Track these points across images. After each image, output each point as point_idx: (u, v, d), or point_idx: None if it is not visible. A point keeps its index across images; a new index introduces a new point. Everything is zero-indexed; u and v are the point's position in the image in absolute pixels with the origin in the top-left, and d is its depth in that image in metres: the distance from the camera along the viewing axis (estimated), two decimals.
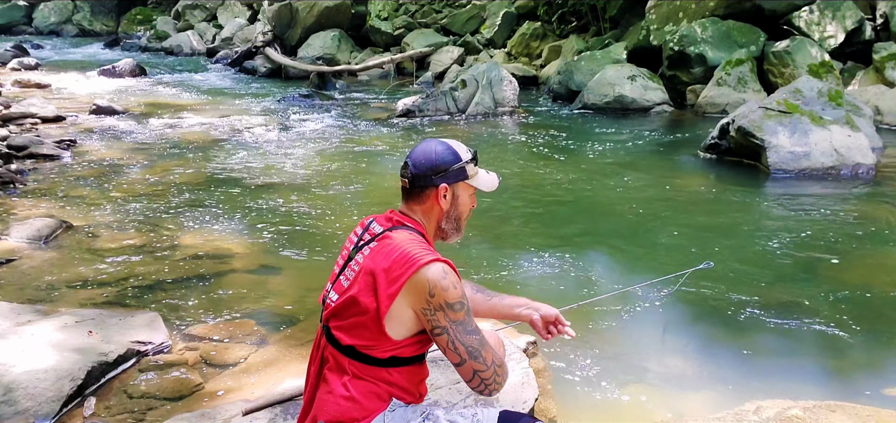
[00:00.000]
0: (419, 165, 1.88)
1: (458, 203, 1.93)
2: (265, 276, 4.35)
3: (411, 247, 1.76)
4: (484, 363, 1.76)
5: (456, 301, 1.73)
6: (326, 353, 1.84)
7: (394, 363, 1.80)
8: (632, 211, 5.88)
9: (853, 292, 4.22)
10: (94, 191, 6.15)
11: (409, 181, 1.90)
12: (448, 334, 1.73)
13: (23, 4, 26.62)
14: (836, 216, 5.71)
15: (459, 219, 1.96)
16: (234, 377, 3.12)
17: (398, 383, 1.82)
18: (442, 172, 1.88)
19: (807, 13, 11.23)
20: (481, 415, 1.80)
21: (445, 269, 1.74)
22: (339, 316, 1.81)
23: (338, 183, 6.62)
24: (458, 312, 1.73)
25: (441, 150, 1.90)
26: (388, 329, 1.74)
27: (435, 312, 1.72)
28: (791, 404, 2.66)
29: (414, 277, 1.71)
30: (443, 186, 1.88)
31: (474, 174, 1.94)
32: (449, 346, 1.75)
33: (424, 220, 1.92)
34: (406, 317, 1.76)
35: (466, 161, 1.91)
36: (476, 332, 1.77)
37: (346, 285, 1.83)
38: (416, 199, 1.91)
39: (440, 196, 1.89)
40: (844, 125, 7.14)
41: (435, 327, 1.74)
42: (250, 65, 16.24)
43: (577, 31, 15.62)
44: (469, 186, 1.94)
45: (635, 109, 10.78)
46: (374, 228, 1.91)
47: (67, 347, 3.07)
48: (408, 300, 1.73)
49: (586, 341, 3.57)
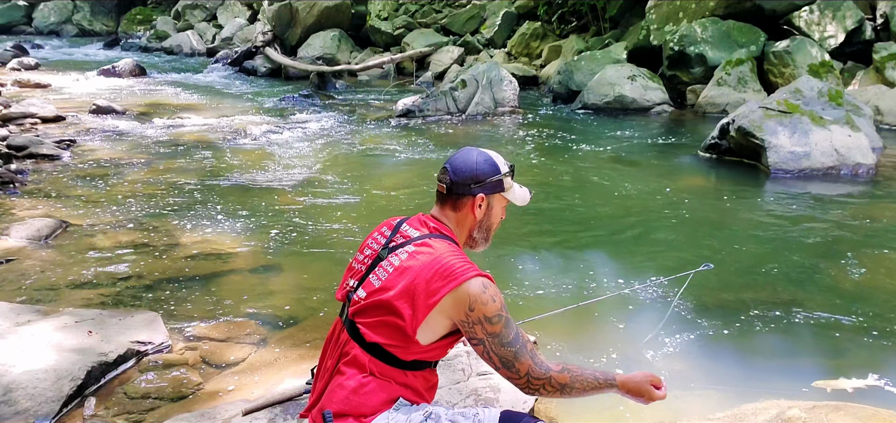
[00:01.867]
0: (459, 172, 1.91)
1: (491, 214, 1.96)
2: (265, 276, 4.35)
3: (453, 259, 1.78)
4: (517, 373, 1.79)
5: (494, 315, 1.76)
6: (347, 347, 1.85)
7: (415, 366, 1.83)
8: (632, 211, 5.87)
9: (853, 292, 4.22)
10: (93, 191, 6.15)
11: (447, 187, 1.92)
12: (484, 345, 1.78)
13: (23, 4, 26.62)
14: (836, 216, 5.71)
15: (490, 230, 1.99)
16: (234, 377, 3.12)
17: (413, 385, 1.84)
18: (480, 182, 1.91)
19: (807, 13, 11.23)
20: (483, 415, 1.81)
21: (485, 283, 1.77)
22: (366, 314, 1.82)
23: (338, 183, 6.62)
24: (496, 324, 1.76)
25: (481, 160, 1.92)
26: (419, 336, 1.77)
27: (473, 325, 1.76)
28: (791, 404, 2.66)
29: (455, 291, 1.74)
30: (480, 195, 1.91)
31: (510, 188, 1.98)
32: (484, 355, 1.80)
33: (457, 228, 1.94)
34: (438, 325, 1.79)
35: (504, 174, 1.95)
36: (513, 343, 1.79)
37: (376, 285, 1.83)
38: (451, 205, 1.94)
39: (476, 206, 1.92)
40: (844, 125, 7.14)
41: (473, 337, 1.78)
42: (250, 65, 16.24)
43: (577, 31, 15.62)
44: (503, 198, 1.98)
45: (635, 109, 10.78)
46: (407, 231, 1.91)
47: (67, 347, 3.07)
48: (446, 311, 1.77)
49: (586, 341, 3.57)
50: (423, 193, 6.36)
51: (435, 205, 1.98)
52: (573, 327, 3.68)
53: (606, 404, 3.02)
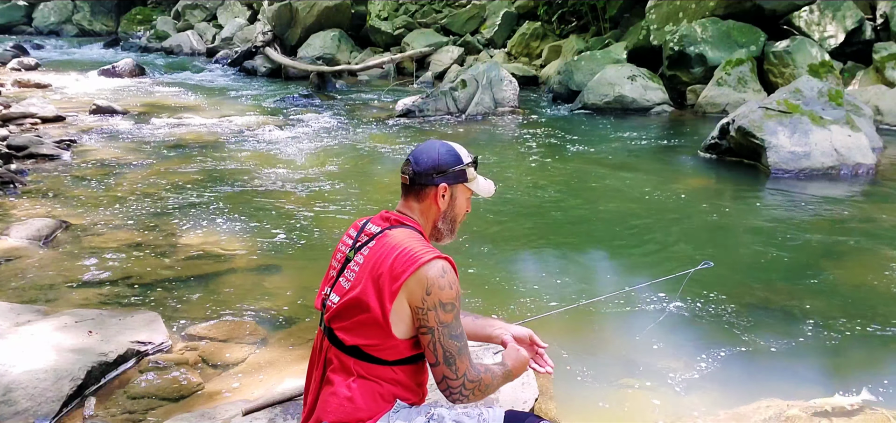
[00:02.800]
0: (421, 162, 1.91)
1: (455, 204, 1.96)
2: (265, 276, 4.35)
3: (412, 244, 1.78)
4: (456, 372, 1.77)
5: (449, 302, 1.75)
6: (330, 354, 1.85)
7: (401, 363, 1.82)
8: (632, 211, 5.88)
9: (853, 292, 4.22)
10: (93, 191, 6.15)
11: (409, 178, 1.92)
12: (433, 335, 1.75)
13: (23, 4, 26.62)
14: (836, 216, 5.71)
15: (455, 221, 1.99)
16: (234, 377, 3.12)
17: (402, 382, 1.83)
18: (443, 172, 1.91)
19: (807, 13, 11.23)
20: (487, 414, 1.81)
21: (445, 267, 1.76)
22: (341, 317, 1.82)
23: (338, 183, 6.62)
24: (449, 313, 1.75)
25: (443, 150, 1.93)
26: (393, 328, 1.76)
27: (427, 311, 1.74)
28: (791, 404, 2.66)
29: (415, 273, 1.73)
30: (442, 185, 1.91)
31: (473, 178, 1.98)
32: (429, 346, 1.77)
33: (422, 219, 1.94)
34: (406, 314, 1.77)
35: (467, 164, 1.95)
36: (460, 338, 1.78)
37: (346, 287, 1.83)
38: (415, 196, 1.94)
39: (439, 195, 1.92)
40: (844, 125, 7.14)
41: (423, 325, 1.76)
42: (250, 65, 16.24)
43: (577, 31, 15.62)
44: (467, 189, 1.98)
45: (635, 109, 10.78)
46: (370, 228, 1.93)
47: (67, 347, 3.07)
48: (407, 296, 1.75)
49: (586, 341, 3.57)
50: None
51: (400, 199, 1.98)
52: (573, 327, 3.68)
53: (606, 404, 3.02)
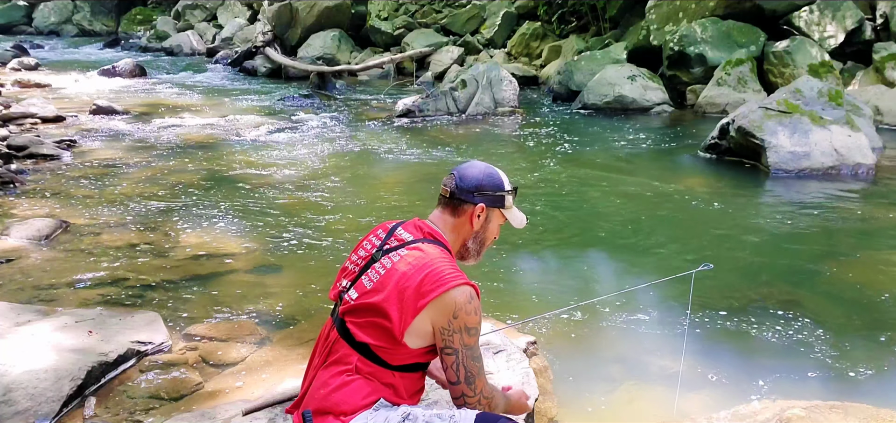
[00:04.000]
0: (466, 178, 1.95)
1: (487, 227, 2.01)
2: (265, 276, 4.35)
3: (443, 265, 1.82)
4: (474, 390, 1.84)
5: (473, 327, 1.81)
6: (336, 345, 1.87)
7: (402, 369, 1.85)
8: (632, 211, 5.88)
9: (853, 292, 4.23)
10: (93, 191, 6.15)
11: (450, 191, 1.96)
12: (457, 357, 1.81)
13: (23, 4, 26.62)
14: (836, 216, 5.71)
15: (484, 243, 2.04)
16: (234, 377, 3.12)
17: (399, 387, 1.86)
18: (484, 193, 1.96)
19: (807, 13, 11.22)
20: (459, 417, 1.83)
21: (472, 294, 1.81)
22: (357, 314, 1.85)
23: (338, 183, 6.62)
24: (473, 337, 1.81)
25: (489, 172, 1.99)
26: (407, 339, 1.80)
27: (452, 333, 1.79)
28: (791, 404, 2.66)
29: (443, 296, 1.77)
30: (480, 205, 1.96)
31: (510, 207, 2.04)
32: (452, 366, 1.82)
33: (452, 236, 1.98)
34: (425, 331, 1.81)
35: (507, 191, 2.01)
36: (479, 358, 1.85)
37: (368, 287, 1.86)
38: (451, 211, 1.97)
39: (476, 215, 1.96)
40: (844, 125, 7.14)
41: (447, 345, 1.81)
42: (250, 65, 16.23)
43: (577, 31, 15.61)
44: (502, 216, 2.03)
45: (635, 109, 10.78)
46: (401, 234, 1.93)
47: (67, 347, 3.07)
48: (431, 316, 1.79)
49: (586, 341, 3.57)
50: (422, 193, 6.37)
51: (435, 209, 2.00)
52: (573, 327, 3.69)
53: (606, 404, 3.02)
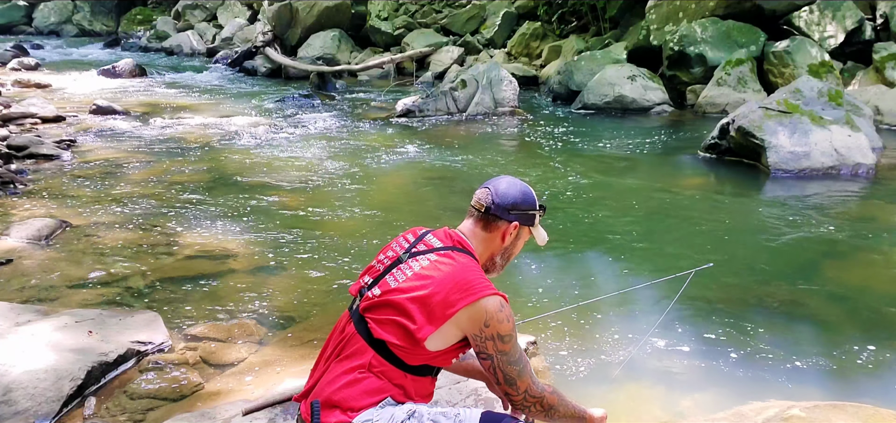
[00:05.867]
0: (502, 196, 1.97)
1: (516, 244, 2.05)
2: (265, 276, 4.35)
3: (473, 275, 1.84)
4: (517, 390, 1.87)
5: (506, 334, 1.82)
6: (351, 340, 1.88)
7: (415, 371, 1.85)
8: (632, 211, 5.88)
9: (853, 292, 4.23)
10: (94, 191, 6.15)
11: (485, 207, 1.97)
12: (493, 362, 1.84)
13: (23, 4, 26.60)
14: (836, 216, 5.71)
15: (510, 258, 2.07)
16: (234, 377, 3.12)
17: (409, 389, 1.86)
18: (518, 212, 1.98)
19: (807, 13, 11.22)
20: (463, 415, 1.83)
21: (502, 303, 1.83)
22: (377, 311, 1.85)
23: (338, 183, 6.62)
24: (506, 343, 1.83)
25: (524, 191, 2.01)
26: (428, 343, 1.80)
27: (485, 341, 1.81)
28: (791, 404, 2.66)
29: (473, 305, 1.79)
30: (514, 223, 1.98)
31: (537, 225, 2.07)
32: (490, 370, 1.86)
33: (481, 248, 1.99)
34: (450, 336, 1.83)
35: (538, 210, 2.05)
36: (518, 362, 1.86)
37: (393, 286, 1.86)
38: (484, 225, 1.99)
39: (508, 232, 1.99)
40: (844, 125, 7.14)
41: (482, 352, 1.84)
42: (250, 65, 16.23)
43: (577, 31, 15.61)
44: (529, 232, 2.06)
45: (635, 109, 10.77)
46: (430, 240, 1.95)
47: (67, 347, 3.07)
48: (460, 324, 1.81)
49: (586, 341, 3.57)
50: (422, 192, 6.37)
51: (466, 220, 2.02)
52: (573, 328, 3.68)
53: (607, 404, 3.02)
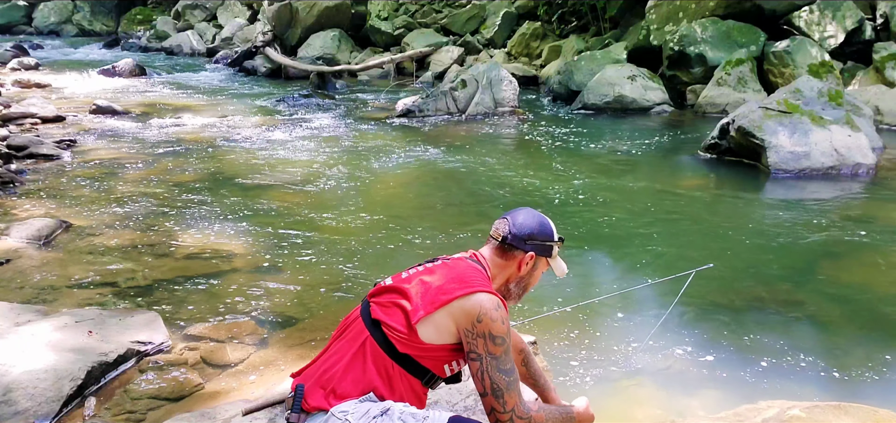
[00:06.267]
0: (520, 226, 2.02)
1: (532, 274, 2.07)
2: (265, 276, 4.35)
3: (473, 275, 1.89)
4: (504, 406, 1.82)
5: (499, 336, 1.82)
6: (353, 324, 1.94)
7: (404, 363, 1.86)
8: (632, 211, 5.87)
9: (853, 292, 4.23)
10: (93, 191, 6.15)
11: (502, 237, 2.02)
12: (481, 363, 1.82)
13: (23, 4, 26.61)
14: (836, 216, 5.71)
15: (526, 288, 2.09)
16: (234, 377, 3.12)
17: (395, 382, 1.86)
18: (535, 242, 2.02)
19: (807, 13, 11.23)
20: (433, 417, 1.83)
21: (499, 303, 1.84)
22: (381, 295, 1.94)
23: (337, 183, 6.62)
24: (498, 346, 1.82)
25: (541, 222, 2.05)
26: (420, 329, 1.83)
27: (476, 337, 1.81)
28: (791, 404, 2.65)
29: (468, 297, 1.82)
30: (531, 254, 2.02)
31: (555, 256, 2.09)
32: (478, 374, 1.83)
33: (497, 272, 2.03)
34: (443, 328, 1.84)
35: (556, 241, 2.07)
36: (509, 373, 1.83)
37: (403, 277, 1.95)
38: (501, 253, 2.03)
39: (524, 262, 2.02)
40: (844, 125, 7.14)
41: (472, 351, 1.83)
42: (250, 65, 16.23)
43: (577, 31, 15.61)
44: (546, 264, 2.09)
45: (635, 109, 10.78)
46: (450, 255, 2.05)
47: (67, 347, 3.07)
48: (454, 316, 1.82)
49: (586, 341, 3.57)
50: (422, 193, 6.37)
51: (485, 247, 2.07)
52: (573, 327, 3.68)
53: (606, 404, 3.02)
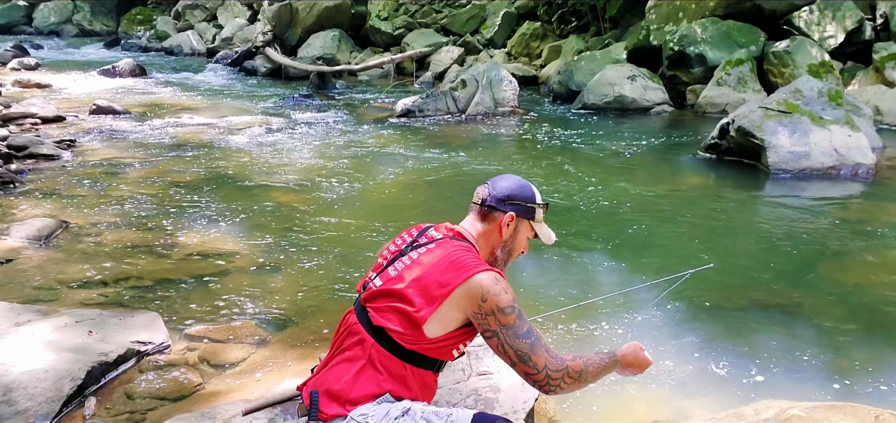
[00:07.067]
0: (498, 187, 2.01)
1: (516, 238, 2.04)
2: (265, 276, 4.35)
3: (464, 256, 1.86)
4: (535, 367, 1.81)
5: (507, 305, 1.80)
6: (354, 329, 1.90)
7: (415, 361, 1.85)
8: (632, 211, 5.88)
9: (853, 292, 4.23)
10: (93, 191, 6.15)
11: (482, 199, 2.01)
12: (498, 338, 1.81)
13: (23, 4, 26.62)
14: (836, 216, 5.71)
15: (511, 254, 2.07)
16: (234, 377, 3.12)
17: (409, 381, 1.86)
18: (514, 202, 2.00)
19: (807, 13, 11.23)
20: (456, 415, 1.83)
21: (496, 277, 1.83)
22: (377, 300, 1.89)
23: (338, 183, 6.62)
24: (509, 315, 1.80)
25: (521, 183, 2.03)
26: (427, 328, 1.81)
27: (486, 316, 1.80)
28: (791, 404, 2.65)
29: (467, 282, 1.80)
30: (510, 214, 1.99)
31: (540, 221, 2.06)
32: (499, 349, 1.83)
33: (481, 242, 2.01)
34: (450, 318, 1.83)
35: (538, 203, 2.04)
36: (527, 335, 1.82)
37: (393, 276, 1.90)
38: (482, 217, 2.02)
39: (504, 223, 2.00)
40: (844, 125, 7.14)
41: (486, 330, 1.82)
42: (250, 65, 16.24)
43: (577, 31, 15.62)
44: (531, 228, 2.06)
45: (635, 109, 10.78)
46: (431, 233, 1.99)
47: (67, 347, 3.07)
48: (458, 304, 1.81)
49: (586, 341, 3.57)
50: (422, 192, 6.36)
51: (467, 216, 2.06)
52: (573, 327, 3.69)
53: (606, 404, 3.02)
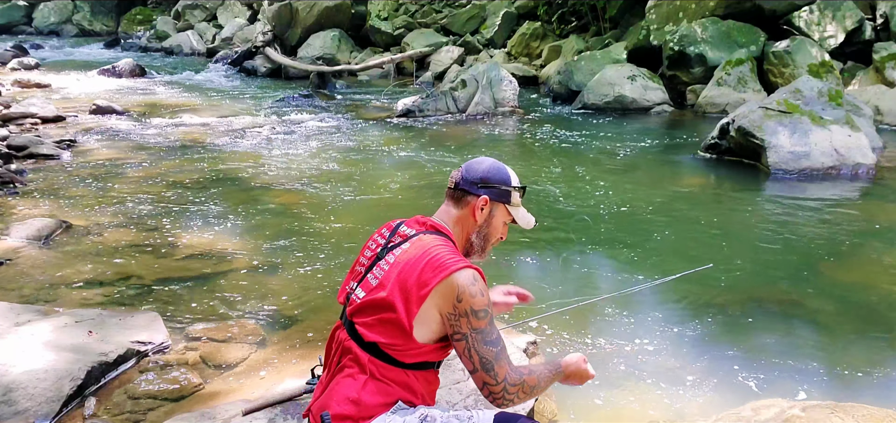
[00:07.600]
0: (471, 170, 1.96)
1: (491, 222, 1.98)
2: (265, 276, 4.35)
3: (442, 252, 1.80)
4: (495, 377, 1.77)
5: (481, 309, 1.76)
6: (347, 346, 1.86)
7: (416, 367, 1.83)
8: (632, 211, 5.87)
9: (853, 292, 4.23)
10: (93, 191, 6.15)
11: (455, 183, 1.96)
12: (467, 341, 1.77)
13: (23, 4, 26.63)
14: (836, 216, 5.71)
15: (488, 239, 2.00)
16: (234, 377, 3.12)
17: (413, 387, 1.83)
18: (488, 186, 1.94)
19: (807, 13, 11.23)
20: (477, 417, 1.81)
21: (475, 276, 1.77)
22: (364, 313, 1.83)
23: (337, 183, 6.62)
24: (482, 320, 1.76)
25: (495, 166, 1.98)
26: (416, 333, 1.77)
27: (459, 317, 1.76)
28: (791, 404, 2.65)
29: (445, 281, 1.74)
30: (484, 197, 1.93)
31: (516, 205, 2.00)
32: (465, 353, 1.78)
33: (457, 229, 1.96)
34: (432, 320, 1.78)
35: (514, 187, 1.98)
36: (495, 343, 1.78)
37: (374, 284, 1.85)
38: (455, 202, 1.97)
39: (478, 207, 1.94)
40: (844, 125, 7.14)
41: (456, 332, 1.77)
42: (250, 65, 16.24)
43: (577, 31, 15.62)
44: (508, 213, 1.99)
45: (635, 109, 10.78)
46: (403, 230, 1.94)
47: (67, 347, 3.07)
48: (436, 303, 1.76)
49: (586, 341, 3.57)
50: (422, 192, 6.37)
51: (442, 205, 2.00)
52: (573, 328, 3.68)
53: (606, 404, 3.02)
